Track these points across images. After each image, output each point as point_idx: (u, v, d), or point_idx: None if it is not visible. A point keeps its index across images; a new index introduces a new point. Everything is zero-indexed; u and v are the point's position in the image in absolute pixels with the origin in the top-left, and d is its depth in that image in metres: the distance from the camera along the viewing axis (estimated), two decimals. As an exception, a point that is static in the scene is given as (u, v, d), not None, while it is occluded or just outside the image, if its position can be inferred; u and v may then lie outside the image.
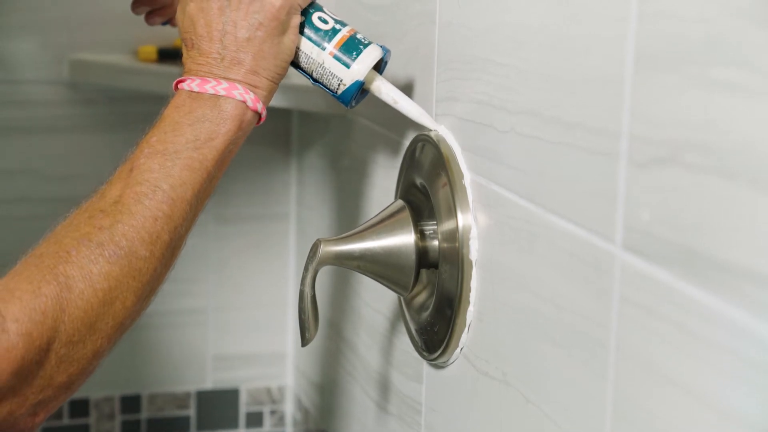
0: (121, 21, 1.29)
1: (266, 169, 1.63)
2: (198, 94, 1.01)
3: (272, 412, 1.68)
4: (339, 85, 1.06)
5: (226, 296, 1.64)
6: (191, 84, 1.02)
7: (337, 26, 1.07)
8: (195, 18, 1.04)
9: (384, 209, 1.08)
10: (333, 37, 1.06)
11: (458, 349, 1.01)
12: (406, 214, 1.06)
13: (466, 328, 0.99)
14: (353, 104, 1.08)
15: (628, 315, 0.74)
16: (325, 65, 1.06)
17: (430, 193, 1.04)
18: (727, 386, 0.64)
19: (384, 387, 1.23)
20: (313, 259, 1.06)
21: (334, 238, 1.06)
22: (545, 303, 0.85)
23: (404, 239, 1.05)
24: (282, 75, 1.06)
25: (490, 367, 0.95)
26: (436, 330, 1.03)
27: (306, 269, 1.06)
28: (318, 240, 1.06)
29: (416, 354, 1.09)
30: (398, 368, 1.19)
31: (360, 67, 1.05)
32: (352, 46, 1.06)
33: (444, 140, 1.03)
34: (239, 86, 1.02)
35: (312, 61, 1.06)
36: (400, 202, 1.08)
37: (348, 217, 1.36)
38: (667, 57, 0.69)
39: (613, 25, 0.75)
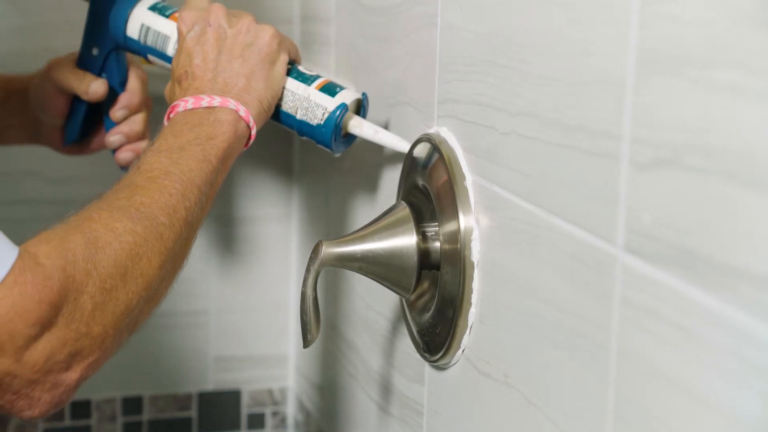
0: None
1: (268, 171, 1.63)
2: (193, 110, 1.06)
3: (274, 414, 1.68)
4: (324, 114, 1.14)
5: (227, 298, 1.64)
6: (185, 105, 1.08)
7: (320, 74, 1.18)
8: (192, 51, 1.12)
9: (385, 211, 1.08)
10: (316, 79, 1.16)
11: (460, 351, 1.01)
12: (408, 216, 1.06)
13: (468, 330, 0.99)
14: (336, 142, 1.16)
15: (629, 317, 0.74)
16: (311, 98, 1.15)
17: (431, 195, 1.04)
18: (729, 388, 0.64)
19: (385, 389, 1.23)
20: (314, 260, 1.06)
21: (336, 239, 1.06)
22: (546, 305, 0.85)
23: (406, 241, 1.05)
24: (272, 105, 1.14)
25: (491, 368, 0.95)
26: (437, 331, 1.03)
27: (308, 271, 1.06)
28: (320, 241, 1.06)
29: (418, 355, 1.09)
30: (400, 370, 1.19)
31: (343, 96, 1.15)
32: (335, 86, 1.16)
33: (445, 142, 1.03)
34: (231, 100, 1.08)
35: (298, 96, 1.15)
36: (401, 204, 1.08)
37: (349, 218, 1.36)
38: (668, 59, 0.69)
39: (614, 27, 0.75)
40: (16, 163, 1.55)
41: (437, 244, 1.03)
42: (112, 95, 1.27)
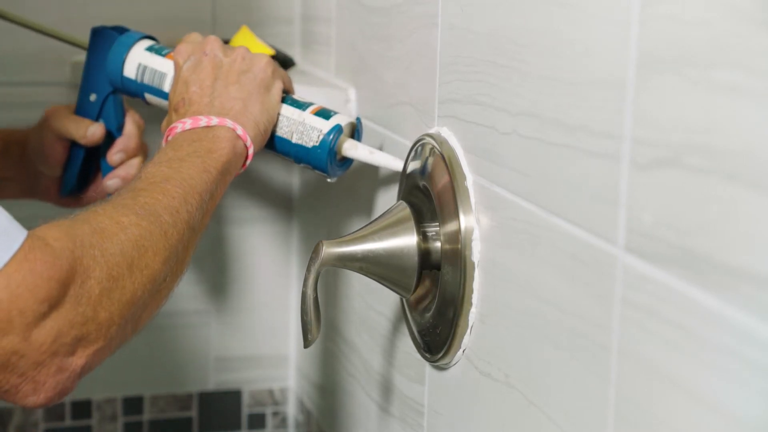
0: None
1: (268, 171, 1.63)
2: (191, 130, 1.08)
3: (274, 414, 1.68)
4: (319, 136, 1.15)
5: (228, 298, 1.64)
6: (183, 126, 1.11)
7: (314, 101, 1.19)
8: (189, 80, 1.15)
9: (386, 211, 1.09)
10: (310, 105, 1.18)
11: (460, 351, 1.01)
12: (409, 216, 1.06)
13: (468, 330, 0.99)
14: (332, 165, 1.16)
15: (629, 317, 0.74)
16: (306, 122, 1.16)
17: (432, 195, 1.04)
18: (729, 388, 0.64)
19: (386, 389, 1.23)
20: (315, 260, 1.06)
21: (337, 239, 1.07)
22: (547, 305, 0.85)
23: (406, 241, 1.05)
24: (268, 129, 1.16)
25: (492, 368, 0.95)
26: (438, 331, 1.03)
27: (308, 271, 1.06)
28: (320, 241, 1.06)
29: (418, 355, 1.09)
30: (400, 370, 1.19)
31: (338, 118, 1.16)
32: (329, 111, 1.18)
33: (446, 142, 1.03)
34: (229, 120, 1.10)
35: (293, 121, 1.17)
36: (402, 204, 1.08)
37: (350, 218, 1.36)
38: (669, 59, 0.69)
39: (615, 27, 0.75)
40: (17, 164, 1.55)
41: (438, 244, 1.03)
42: (109, 140, 1.29)
